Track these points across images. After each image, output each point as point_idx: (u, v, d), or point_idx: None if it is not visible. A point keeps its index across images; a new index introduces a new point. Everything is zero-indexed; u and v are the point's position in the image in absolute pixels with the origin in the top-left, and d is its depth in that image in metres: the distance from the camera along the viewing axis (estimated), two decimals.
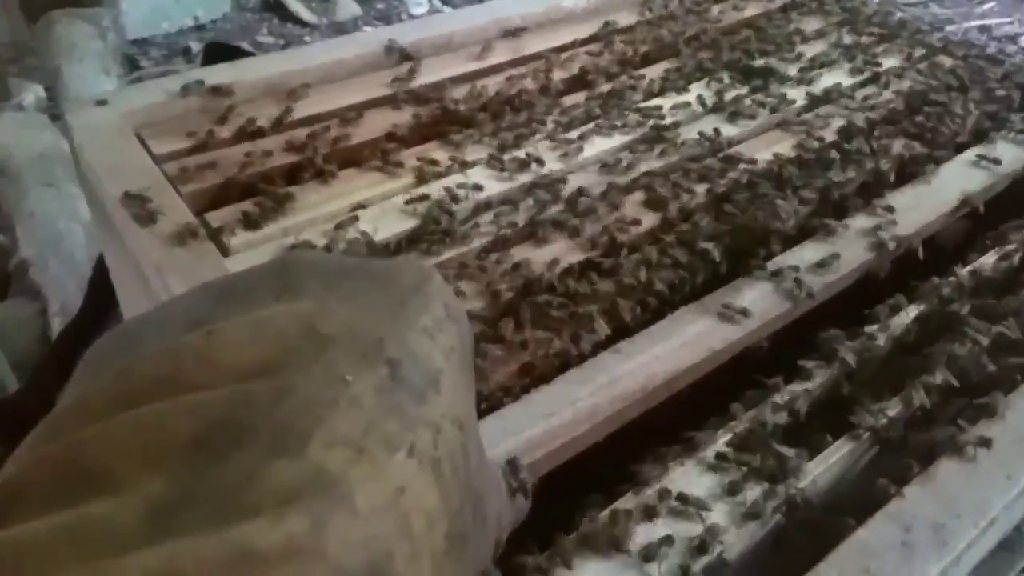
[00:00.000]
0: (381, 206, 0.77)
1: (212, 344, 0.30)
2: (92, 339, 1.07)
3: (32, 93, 2.03)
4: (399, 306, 0.34)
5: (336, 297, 0.33)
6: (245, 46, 2.22)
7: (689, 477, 0.59)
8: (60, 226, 1.59)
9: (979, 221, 0.87)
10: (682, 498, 0.56)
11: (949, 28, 3.06)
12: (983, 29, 3.10)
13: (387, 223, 0.75)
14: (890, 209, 0.81)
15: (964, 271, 0.77)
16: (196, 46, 2.44)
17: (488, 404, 0.62)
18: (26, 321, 1.48)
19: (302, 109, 0.87)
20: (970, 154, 0.90)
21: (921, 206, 0.83)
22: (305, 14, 2.74)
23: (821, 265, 0.75)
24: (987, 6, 3.28)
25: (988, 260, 0.80)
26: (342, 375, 0.30)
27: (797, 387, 0.66)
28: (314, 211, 0.76)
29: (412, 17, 2.82)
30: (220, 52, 1.51)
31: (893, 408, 0.65)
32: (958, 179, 0.87)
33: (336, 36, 2.61)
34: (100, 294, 1.05)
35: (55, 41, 1.94)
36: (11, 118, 1.87)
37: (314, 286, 0.33)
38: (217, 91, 0.85)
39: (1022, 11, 3.26)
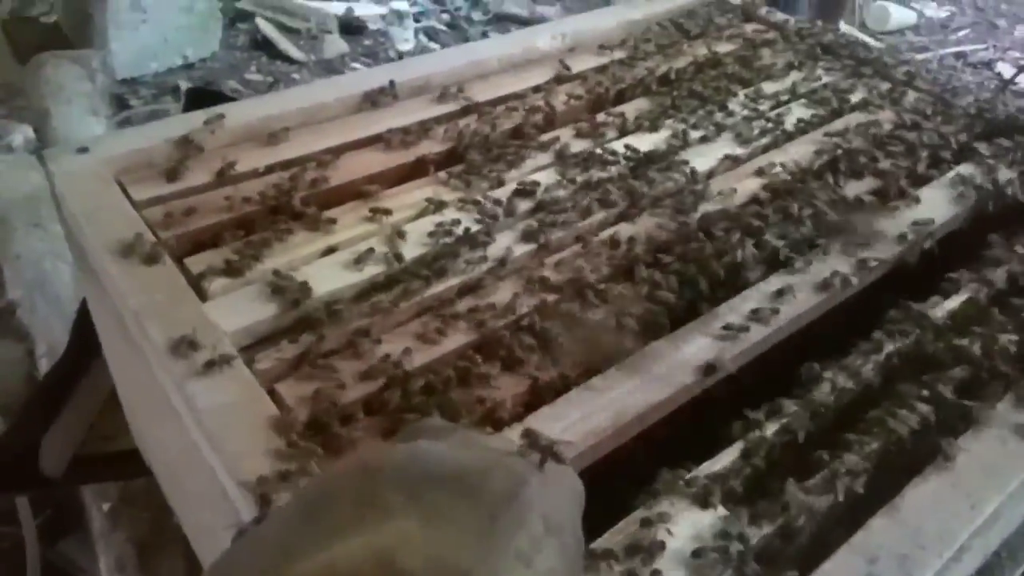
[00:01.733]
0: (357, 247, 0.79)
1: None
2: (77, 382, 1.08)
3: (20, 134, 2.05)
4: (489, 524, 0.31)
5: (420, 515, 0.30)
6: (227, 91, 2.26)
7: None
8: (47, 267, 1.60)
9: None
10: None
11: (925, 55, 3.12)
12: (959, 56, 3.17)
13: (366, 264, 0.77)
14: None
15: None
16: (185, 85, 2.47)
17: None
18: (13, 363, 1.49)
19: (282, 152, 0.89)
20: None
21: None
22: (293, 52, 2.78)
23: (780, 294, 0.77)
24: (962, 33, 3.35)
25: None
26: None
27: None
28: (292, 254, 0.77)
29: (399, 53, 2.86)
30: (201, 97, 1.54)
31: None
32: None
33: (324, 73, 2.65)
34: (84, 337, 1.05)
35: (44, 83, 1.97)
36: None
37: (399, 501, 0.31)
38: (188, 141, 0.87)
39: (996, 37, 3.33)
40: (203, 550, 0.89)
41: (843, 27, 2.98)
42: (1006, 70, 3.02)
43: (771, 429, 0.67)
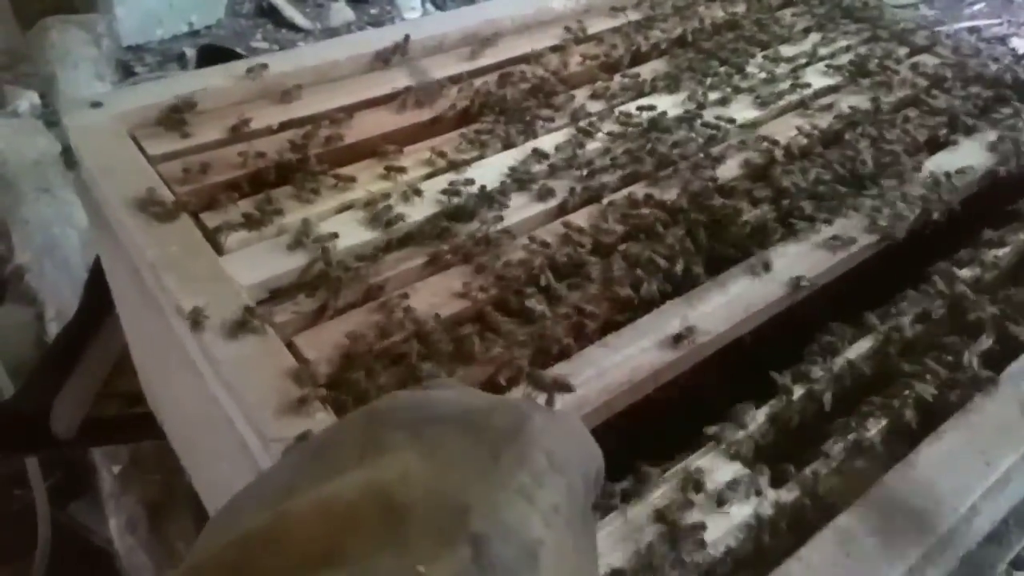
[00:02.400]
0: (372, 204, 0.78)
1: (281, 527, 0.28)
2: (88, 342, 1.08)
3: (27, 100, 2.04)
4: (491, 461, 0.30)
5: (421, 451, 0.30)
6: (239, 50, 2.23)
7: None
8: (55, 231, 1.60)
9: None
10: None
11: (938, 29, 3.09)
12: (972, 30, 3.13)
13: (382, 220, 0.77)
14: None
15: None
16: (190, 52, 2.45)
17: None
18: (22, 326, 1.50)
19: (296, 110, 0.89)
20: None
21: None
22: (299, 19, 2.75)
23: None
24: (976, 7, 3.31)
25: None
26: (414, 564, 0.26)
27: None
28: (307, 210, 0.77)
29: (404, 21, 2.83)
30: (214, 54, 1.52)
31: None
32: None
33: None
34: (97, 295, 1.05)
35: (49, 48, 1.96)
36: (6, 124, 1.88)
37: (400, 438, 0.31)
38: (190, 104, 0.86)
39: (1011, 12, 3.29)
40: (216, 505, 0.90)
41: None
42: (1021, 45, 2.99)
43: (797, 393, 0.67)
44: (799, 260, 0.78)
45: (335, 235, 0.73)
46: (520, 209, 0.80)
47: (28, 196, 1.66)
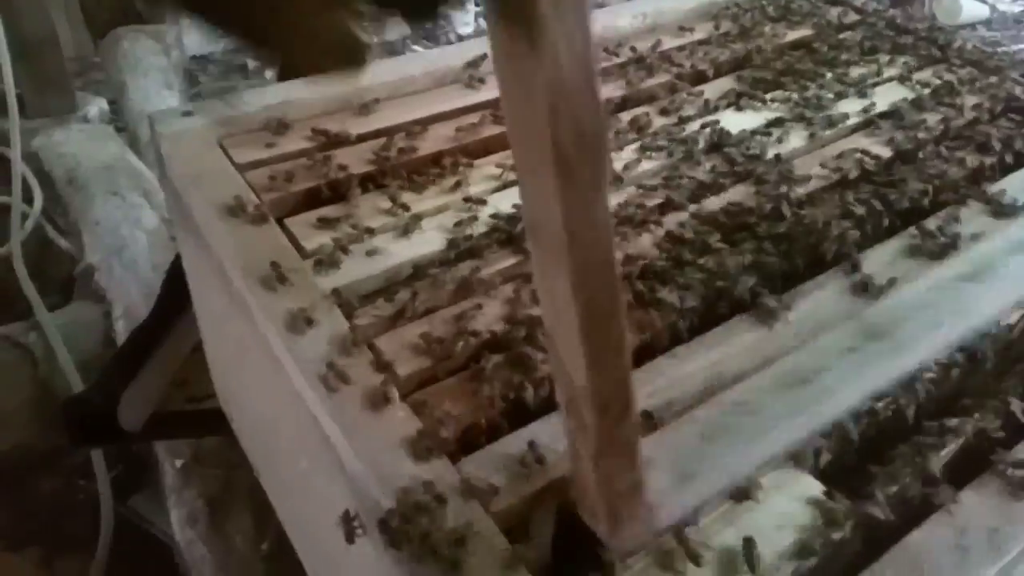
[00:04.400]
0: (443, 216, 0.81)
1: None
2: (161, 340, 1.11)
3: (96, 106, 2.12)
4: None
5: None
6: None
7: None
8: (124, 233, 1.66)
9: None
10: None
11: (1000, 50, 3.04)
12: None
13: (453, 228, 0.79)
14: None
15: None
16: (252, 63, 2.52)
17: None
18: (91, 324, 1.55)
19: (373, 122, 0.92)
20: None
21: None
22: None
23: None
24: None
25: None
26: None
27: None
28: (384, 219, 0.80)
29: (460, 36, 2.88)
30: None
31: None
32: None
33: (386, 54, 2.67)
34: (173, 296, 1.10)
35: (121, 56, 2.03)
36: (78, 129, 1.96)
37: None
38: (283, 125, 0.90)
39: None
40: (286, 502, 0.93)
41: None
42: None
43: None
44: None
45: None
46: None
47: (98, 199, 1.73)
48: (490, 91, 0.99)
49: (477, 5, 3.15)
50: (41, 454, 1.44)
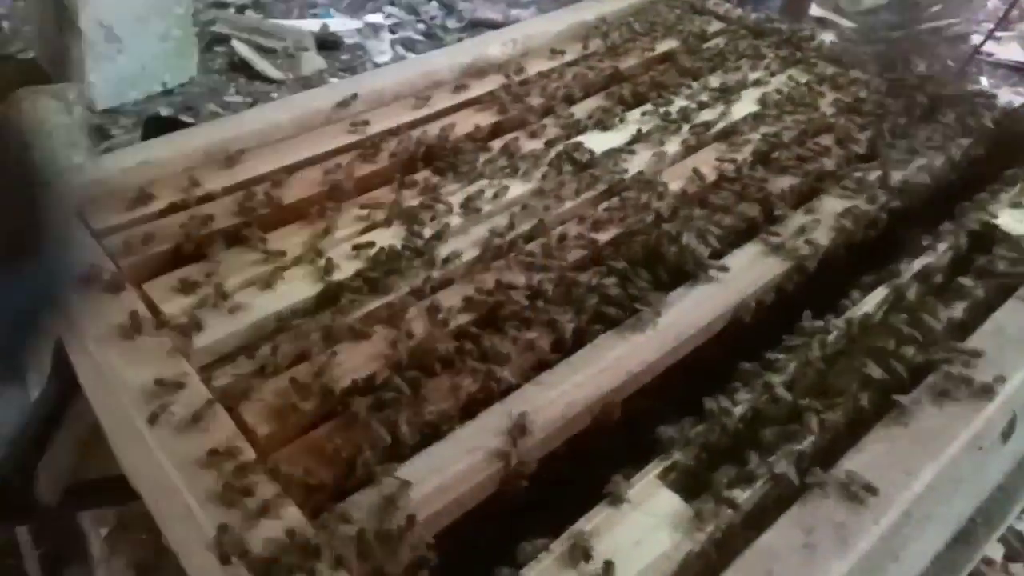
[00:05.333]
0: (314, 262, 0.81)
1: None
2: (64, 407, 1.06)
3: None
4: None
5: None
6: (185, 118, 2.27)
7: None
8: None
9: None
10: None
11: (899, 32, 3.13)
12: (934, 31, 3.18)
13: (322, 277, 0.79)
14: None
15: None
16: (166, 111, 2.50)
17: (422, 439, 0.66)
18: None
19: (238, 174, 0.92)
20: None
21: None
22: (271, 71, 2.80)
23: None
24: (935, 9, 3.36)
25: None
26: None
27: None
28: (246, 273, 0.80)
29: (376, 66, 2.88)
30: (161, 125, 1.56)
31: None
32: None
33: (303, 90, 2.67)
34: (64, 366, 1.07)
35: (23, 119, 2.00)
36: None
37: None
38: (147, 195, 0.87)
39: (970, 10, 3.35)
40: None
41: (816, 9, 3.00)
42: (981, 42, 3.03)
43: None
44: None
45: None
46: (466, 250, 0.83)
47: None
48: (358, 132, 1.00)
49: (393, 33, 3.16)
50: None
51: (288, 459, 0.63)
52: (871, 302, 0.80)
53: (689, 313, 0.77)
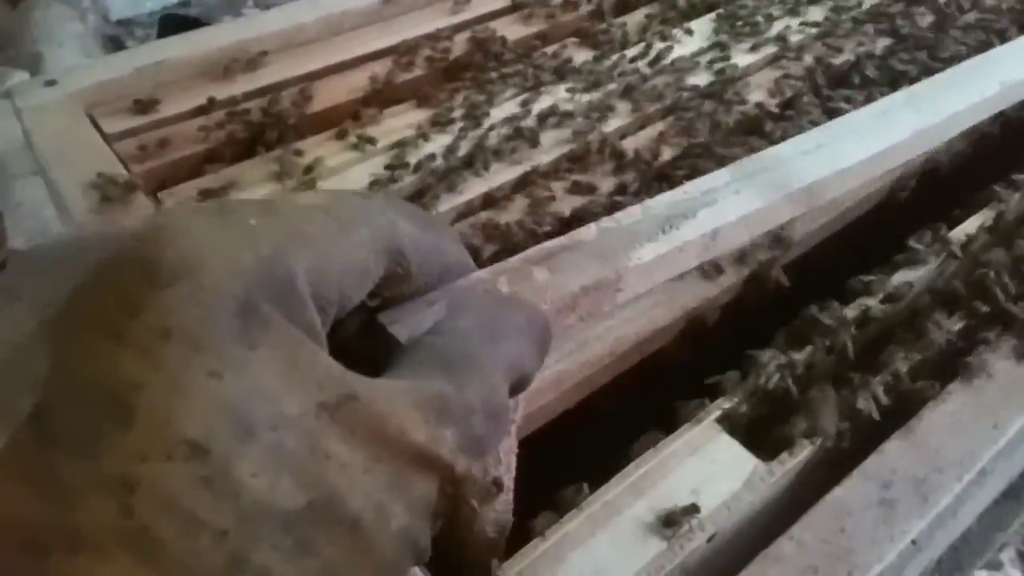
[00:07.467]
0: (344, 174, 0.75)
1: None
2: None
3: (17, 79, 2.00)
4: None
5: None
6: (202, 18, 2.18)
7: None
8: (47, 215, 1.57)
9: None
10: None
11: None
12: None
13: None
14: None
15: None
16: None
17: None
18: None
19: (260, 79, 0.84)
20: None
21: None
22: None
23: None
24: None
25: None
26: None
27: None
28: (271, 185, 0.73)
29: None
30: (176, 24, 1.49)
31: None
32: None
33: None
34: None
35: (34, 27, 1.91)
36: None
37: None
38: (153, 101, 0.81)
39: None
40: None
41: None
42: None
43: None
44: None
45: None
46: (504, 172, 0.75)
47: (19, 179, 1.64)
48: (393, 34, 0.91)
49: None
50: None
51: None
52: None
53: None
